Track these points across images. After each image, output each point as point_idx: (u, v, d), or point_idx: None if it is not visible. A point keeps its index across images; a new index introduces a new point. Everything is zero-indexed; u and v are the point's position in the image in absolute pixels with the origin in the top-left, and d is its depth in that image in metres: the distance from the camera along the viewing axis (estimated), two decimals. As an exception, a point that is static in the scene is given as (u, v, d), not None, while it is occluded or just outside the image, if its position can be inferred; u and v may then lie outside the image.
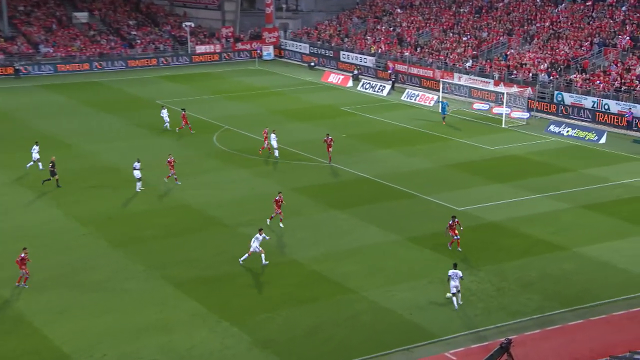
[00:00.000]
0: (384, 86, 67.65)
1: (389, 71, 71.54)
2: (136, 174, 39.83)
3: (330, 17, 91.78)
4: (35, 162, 43.37)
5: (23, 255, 28.87)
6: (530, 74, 61.52)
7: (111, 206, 38.17)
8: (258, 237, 30.80)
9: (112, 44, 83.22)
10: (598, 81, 57.11)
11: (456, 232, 31.64)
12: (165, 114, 53.83)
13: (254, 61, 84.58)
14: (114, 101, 64.41)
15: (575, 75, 59.09)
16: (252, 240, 30.77)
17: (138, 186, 39.96)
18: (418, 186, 40.59)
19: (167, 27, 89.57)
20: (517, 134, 53.03)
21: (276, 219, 34.92)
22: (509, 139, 51.26)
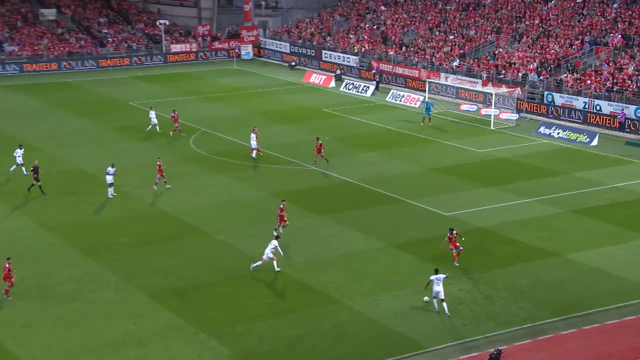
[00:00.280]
0: (368, 87, 67.78)
1: (373, 71, 71.70)
2: (108, 179, 39.56)
3: (312, 14, 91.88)
4: (19, 166, 43.05)
5: (7, 265, 28.57)
6: (520, 74, 61.90)
7: (82, 213, 37.86)
8: (273, 243, 30.86)
9: (82, 42, 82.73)
10: (589, 81, 57.56)
11: (457, 245, 31.51)
12: (154, 115, 53.37)
13: (232, 61, 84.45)
14: (84, 103, 63.97)
15: (565, 75, 59.51)
16: (270, 245, 30.83)
17: (110, 192, 39.70)
18: (403, 191, 40.64)
19: (140, 25, 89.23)
20: (506, 136, 53.31)
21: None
22: (497, 141, 51.51)
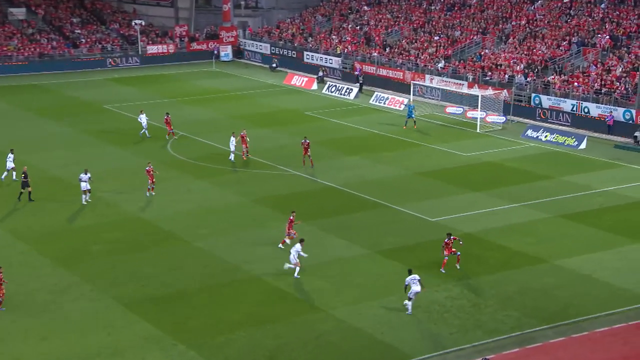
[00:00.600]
0: (351, 89, 67.93)
1: (356, 73, 71.86)
2: (83, 185, 39.32)
3: (293, 14, 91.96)
4: (10, 172, 42.72)
5: None
6: (506, 76, 62.27)
7: (54, 220, 37.61)
8: (297, 247, 31.03)
9: (54, 43, 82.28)
10: (577, 83, 57.99)
11: (453, 250, 31.64)
12: (144, 119, 53.05)
13: (211, 62, 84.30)
14: (56, 106, 63.63)
15: (553, 77, 59.94)
16: (293, 250, 31.06)
17: (83, 199, 39.46)
18: (388, 195, 40.72)
19: (115, 26, 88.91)
20: (493, 139, 53.58)
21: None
22: (484, 145, 51.76)
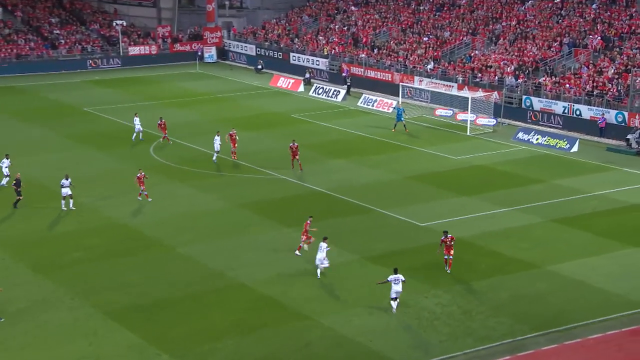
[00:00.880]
0: (339, 91, 67.98)
1: (344, 74, 71.92)
2: (63, 191, 39.08)
3: (279, 15, 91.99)
4: (9, 178, 42.45)
5: None
6: (497, 77, 62.50)
7: (34, 227, 37.39)
8: (322, 246, 31.29)
9: (32, 44, 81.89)
10: (568, 85, 58.26)
11: (451, 253, 31.68)
12: (138, 122, 52.86)
13: (195, 64, 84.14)
14: (34, 109, 63.31)
15: (544, 78, 60.19)
16: (320, 247, 31.45)
17: (63, 204, 39.19)
18: (376, 200, 40.72)
19: (95, 26, 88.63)
20: (483, 142, 53.74)
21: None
22: (474, 148, 51.90)
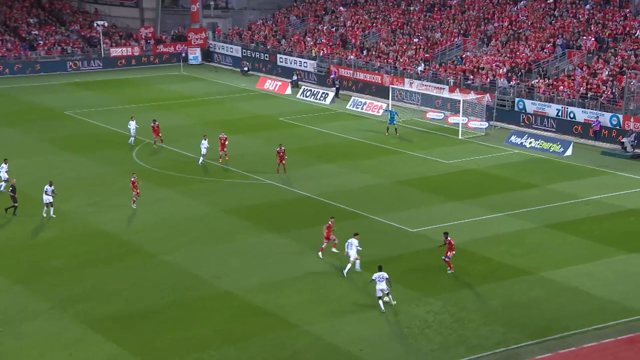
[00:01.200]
0: (327, 93, 68.04)
1: (332, 76, 72.01)
2: (45, 198, 38.83)
3: (265, 15, 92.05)
4: (7, 183, 42.16)
5: None
6: (489, 79, 62.71)
7: (12, 234, 37.22)
8: (352, 242, 31.80)
9: (9, 45, 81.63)
10: (562, 87, 58.50)
11: (450, 257, 32.23)
12: (133, 126, 52.70)
13: (179, 66, 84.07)
14: (12, 112, 63.13)
15: (537, 80, 60.43)
16: (346, 245, 32.06)
17: (45, 212, 38.94)
18: (365, 205, 40.75)
19: (76, 27, 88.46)
20: (476, 145, 53.89)
21: (329, 246, 34.36)
22: (466, 152, 52.03)
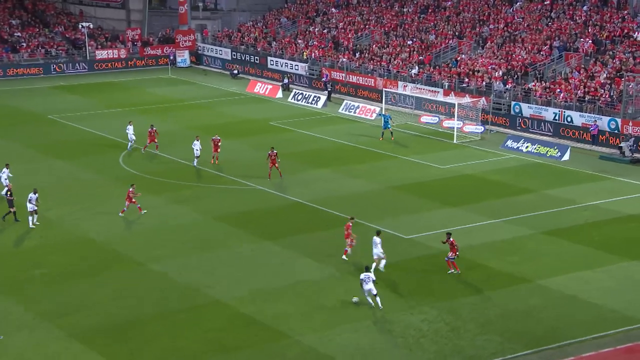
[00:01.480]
0: (319, 97, 68.08)
1: (324, 79, 72.06)
2: (30, 207, 38.60)
3: (255, 17, 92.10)
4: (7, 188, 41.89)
5: None
6: (484, 83, 62.84)
7: (-5, 242, 37.09)
8: (377, 240, 32.51)
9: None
10: (559, 90, 58.66)
11: (454, 255, 33.22)
12: (131, 131, 52.60)
13: (167, 68, 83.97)
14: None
15: (534, 84, 60.59)
16: (373, 245, 32.88)
17: (31, 221, 38.76)
18: (359, 211, 40.68)
19: (60, 28, 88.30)
20: (471, 150, 53.97)
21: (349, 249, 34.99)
22: (461, 156, 52.09)
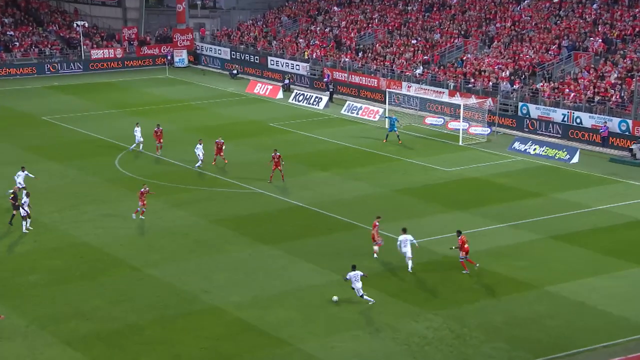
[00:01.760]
0: (321, 98, 68.08)
1: (325, 80, 72.08)
2: (22, 211, 38.60)
3: (255, 16, 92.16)
4: (21, 190, 41.54)
5: None
6: (491, 83, 62.82)
7: (-13, 246, 37.10)
8: (405, 239, 33.76)
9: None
10: (568, 90, 58.61)
11: (467, 251, 33.71)
12: (139, 132, 52.75)
13: (164, 68, 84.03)
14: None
15: (542, 84, 60.55)
16: (399, 243, 33.77)
17: (24, 226, 38.78)
18: (362, 215, 40.69)
19: (54, 27, 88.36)
20: (477, 152, 53.93)
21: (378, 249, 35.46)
22: (467, 159, 52.06)
